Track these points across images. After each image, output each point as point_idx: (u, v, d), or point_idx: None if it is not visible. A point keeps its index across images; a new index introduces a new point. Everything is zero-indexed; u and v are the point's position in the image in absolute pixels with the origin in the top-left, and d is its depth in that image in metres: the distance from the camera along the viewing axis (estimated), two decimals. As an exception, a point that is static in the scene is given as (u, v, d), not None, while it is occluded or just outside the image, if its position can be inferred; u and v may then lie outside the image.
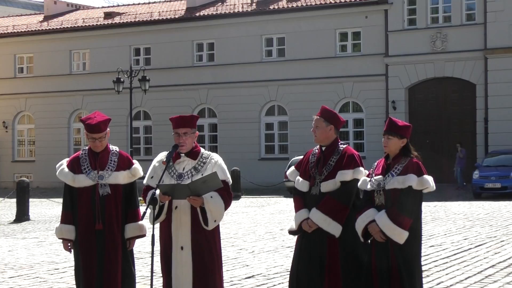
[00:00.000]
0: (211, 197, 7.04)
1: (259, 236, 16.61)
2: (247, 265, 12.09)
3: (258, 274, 11.19)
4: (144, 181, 7.35)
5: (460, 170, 33.05)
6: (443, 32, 35.51)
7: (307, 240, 7.31)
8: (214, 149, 38.87)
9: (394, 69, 36.57)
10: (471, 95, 35.29)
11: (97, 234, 7.34)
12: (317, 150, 7.50)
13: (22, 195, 23.37)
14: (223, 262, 7.44)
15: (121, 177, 7.46)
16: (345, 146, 7.43)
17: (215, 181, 6.96)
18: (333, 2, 38.14)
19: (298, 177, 7.51)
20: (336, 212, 7.16)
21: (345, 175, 7.22)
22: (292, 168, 7.70)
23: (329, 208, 7.17)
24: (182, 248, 7.11)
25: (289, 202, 24.24)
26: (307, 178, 7.41)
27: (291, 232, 7.50)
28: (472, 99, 35.29)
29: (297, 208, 7.42)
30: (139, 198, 7.58)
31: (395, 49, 36.42)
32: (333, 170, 7.26)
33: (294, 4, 39.16)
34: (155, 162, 7.38)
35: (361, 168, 7.27)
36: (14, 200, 24.68)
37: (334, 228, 7.17)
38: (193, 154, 7.27)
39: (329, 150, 7.39)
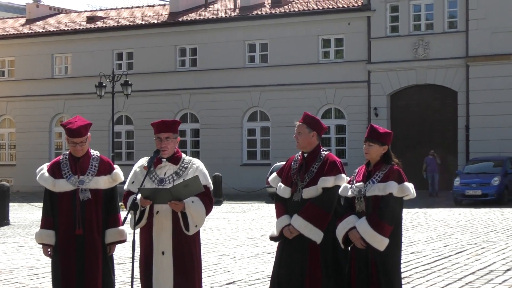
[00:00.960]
0: (192, 201, 7.04)
1: (240, 242, 16.59)
2: (228, 271, 12.07)
3: (239, 280, 11.17)
4: (125, 187, 7.33)
5: (438, 177, 33.16)
6: (425, 40, 35.67)
7: (288, 246, 7.31)
8: (196, 155, 38.83)
9: (376, 76, 36.68)
10: (453, 103, 35.45)
11: (77, 239, 7.30)
12: (299, 157, 7.50)
13: (2, 199, 23.24)
14: (204, 268, 7.43)
15: (102, 182, 7.42)
16: (327, 152, 7.44)
17: (196, 185, 6.96)
18: (316, 8, 38.22)
19: (280, 183, 7.50)
20: (317, 219, 7.17)
21: (327, 181, 7.22)
22: (274, 174, 7.69)
23: (310, 215, 7.17)
24: (163, 253, 7.10)
25: (271, 208, 24.24)
26: (289, 185, 7.41)
27: (273, 238, 7.50)
28: (453, 107, 35.44)
29: (278, 214, 7.41)
30: (120, 203, 7.55)
31: (378, 56, 36.54)
32: (315, 177, 7.27)
33: (277, 10, 39.24)
34: (136, 167, 7.37)
35: (343, 175, 7.28)
36: (-6, 204, 24.50)
37: (315, 235, 7.17)
38: (175, 159, 7.27)
39: (311, 156, 7.39)
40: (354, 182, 7.16)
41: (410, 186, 7.03)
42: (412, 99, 36.47)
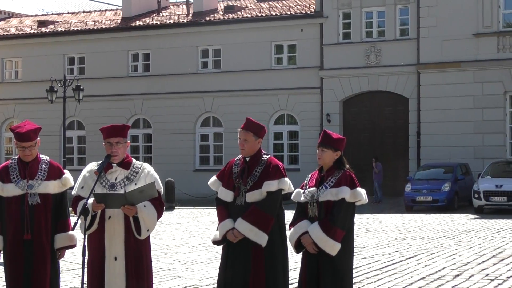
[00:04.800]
0: (145, 206, 7.04)
1: (193, 247, 16.56)
2: (180, 277, 12.01)
3: (190, 286, 11.13)
4: (74, 192, 7.26)
5: (378, 185, 33.34)
6: (377, 47, 35.94)
7: (232, 250, 7.31)
8: (148, 160, 38.65)
9: (328, 82, 36.85)
10: (404, 109, 35.75)
11: (25, 244, 7.21)
12: (239, 160, 7.51)
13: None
14: (156, 273, 7.39)
15: (52, 187, 7.34)
16: (268, 156, 7.47)
17: (151, 191, 6.98)
18: (269, 14, 38.31)
19: (222, 187, 7.49)
20: (262, 222, 7.18)
21: (271, 185, 7.24)
22: (214, 177, 7.65)
23: (255, 218, 7.17)
24: (115, 258, 7.04)
25: (223, 214, 24.15)
26: (231, 188, 7.40)
27: (215, 242, 7.49)
28: (405, 113, 35.74)
29: (221, 218, 7.40)
30: (69, 208, 7.48)
31: (330, 62, 36.72)
32: (258, 181, 7.28)
33: (230, 16, 39.25)
34: (85, 172, 7.31)
35: (286, 179, 7.32)
36: None
37: (260, 238, 7.18)
38: (125, 164, 7.23)
39: (253, 160, 7.41)
40: (307, 187, 7.17)
41: (362, 191, 7.06)
42: (364, 105, 36.70)
